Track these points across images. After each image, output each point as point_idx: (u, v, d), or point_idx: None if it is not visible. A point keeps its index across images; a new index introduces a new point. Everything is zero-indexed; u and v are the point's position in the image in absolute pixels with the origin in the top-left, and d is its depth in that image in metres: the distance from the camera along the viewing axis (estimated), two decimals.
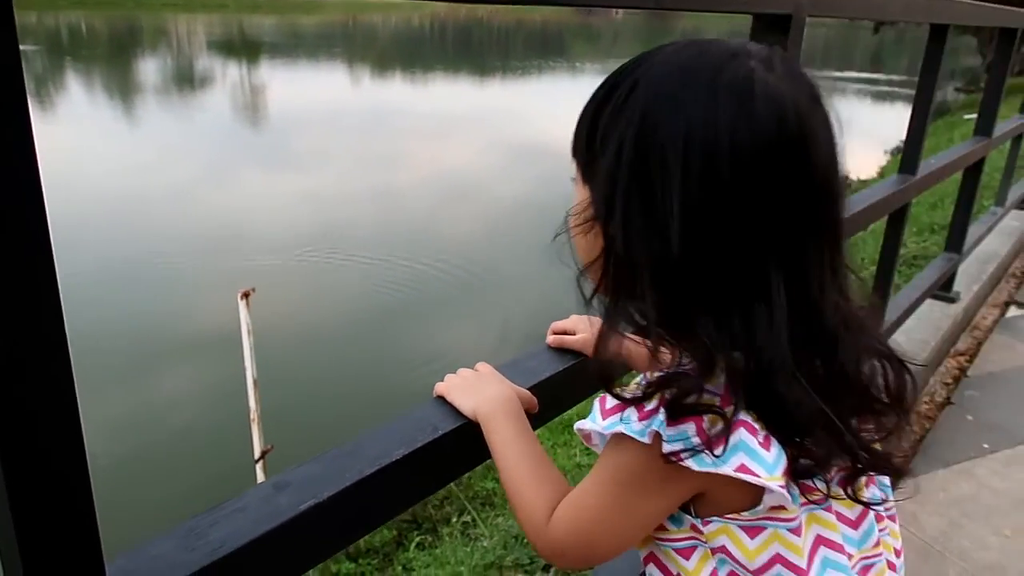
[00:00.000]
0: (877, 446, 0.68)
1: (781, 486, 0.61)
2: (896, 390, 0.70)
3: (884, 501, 0.74)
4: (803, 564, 0.66)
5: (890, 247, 2.62)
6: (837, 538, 0.69)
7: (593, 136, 0.67)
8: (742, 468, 0.60)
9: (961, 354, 3.42)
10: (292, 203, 10.57)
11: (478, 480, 3.71)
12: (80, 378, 0.54)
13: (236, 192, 11.25)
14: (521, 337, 6.04)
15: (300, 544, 0.75)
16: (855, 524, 0.72)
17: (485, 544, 2.93)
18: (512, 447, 0.83)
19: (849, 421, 0.65)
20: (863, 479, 0.70)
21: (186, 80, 24.24)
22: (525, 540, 2.73)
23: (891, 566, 0.75)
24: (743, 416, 0.61)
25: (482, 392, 0.89)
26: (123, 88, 21.24)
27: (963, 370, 3.26)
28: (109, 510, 0.58)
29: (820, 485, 0.66)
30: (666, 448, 0.61)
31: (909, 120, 2.53)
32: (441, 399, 0.92)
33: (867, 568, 0.73)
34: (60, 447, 0.54)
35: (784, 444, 0.62)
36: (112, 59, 27.50)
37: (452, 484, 3.11)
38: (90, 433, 0.55)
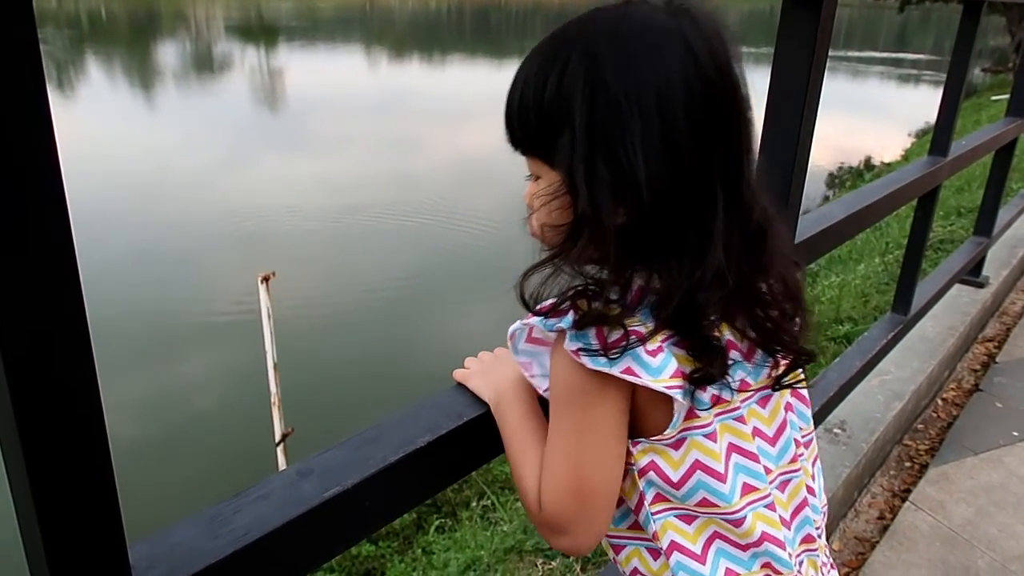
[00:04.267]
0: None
1: (669, 387, 0.67)
2: (793, 286, 0.78)
3: (802, 430, 0.83)
4: (720, 468, 0.73)
5: (919, 231, 2.56)
6: (751, 448, 0.75)
7: (543, 121, 0.70)
8: (627, 371, 0.67)
9: (990, 340, 3.36)
10: (311, 185, 10.59)
11: (497, 464, 3.71)
12: (101, 360, 0.53)
13: (255, 175, 11.29)
14: None
15: (325, 532, 0.74)
16: (772, 440, 0.79)
17: (505, 528, 2.93)
18: (514, 434, 0.82)
19: (769, 311, 0.74)
20: (782, 403, 0.80)
21: (205, 64, 24.33)
22: None
23: (809, 490, 0.83)
24: (637, 327, 0.68)
25: (496, 377, 0.88)
26: (143, 73, 21.36)
27: (992, 356, 3.20)
28: (129, 490, 0.57)
29: (730, 395, 0.73)
30: (568, 345, 0.68)
31: (940, 101, 2.47)
32: (463, 386, 0.91)
33: (785, 482, 0.80)
34: (82, 433, 0.53)
35: (691, 356, 0.69)
36: (132, 44, 27.65)
37: None
38: (111, 413, 0.54)
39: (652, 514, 0.76)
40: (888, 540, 2.11)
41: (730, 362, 0.72)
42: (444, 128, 14.98)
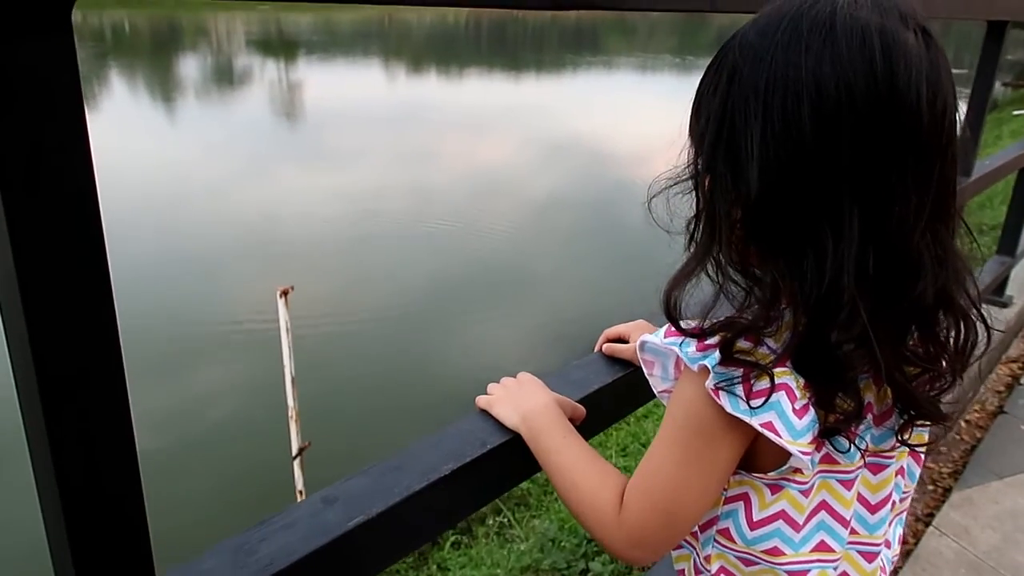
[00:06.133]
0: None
1: (803, 452, 0.64)
2: (962, 343, 0.69)
3: (904, 491, 0.79)
4: (801, 520, 0.70)
5: None
6: (845, 513, 0.72)
7: (698, 111, 0.69)
8: (768, 425, 0.63)
9: (1014, 361, 3.31)
10: (330, 196, 10.67)
11: None
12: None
13: (275, 187, 11.39)
14: (553, 334, 6.02)
15: (349, 560, 0.74)
16: (873, 509, 0.75)
17: (521, 547, 2.91)
18: (563, 453, 0.82)
19: (903, 352, 0.66)
20: (895, 470, 0.74)
21: (226, 78, 24.64)
22: (561, 543, 2.71)
23: (886, 543, 0.78)
24: (788, 380, 0.64)
25: (524, 403, 0.88)
26: (165, 86, 21.66)
27: (1016, 378, 3.15)
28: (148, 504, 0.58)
29: (847, 460, 0.69)
30: (709, 383, 0.65)
31: (964, 120, 2.45)
32: (485, 412, 0.91)
33: (871, 555, 0.76)
34: (114, 463, 0.54)
35: (820, 404, 0.65)
36: (154, 57, 28.06)
37: None
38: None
39: (715, 540, 0.75)
40: (911, 566, 2.07)
41: (862, 427, 0.69)
42: (462, 140, 15.05)
